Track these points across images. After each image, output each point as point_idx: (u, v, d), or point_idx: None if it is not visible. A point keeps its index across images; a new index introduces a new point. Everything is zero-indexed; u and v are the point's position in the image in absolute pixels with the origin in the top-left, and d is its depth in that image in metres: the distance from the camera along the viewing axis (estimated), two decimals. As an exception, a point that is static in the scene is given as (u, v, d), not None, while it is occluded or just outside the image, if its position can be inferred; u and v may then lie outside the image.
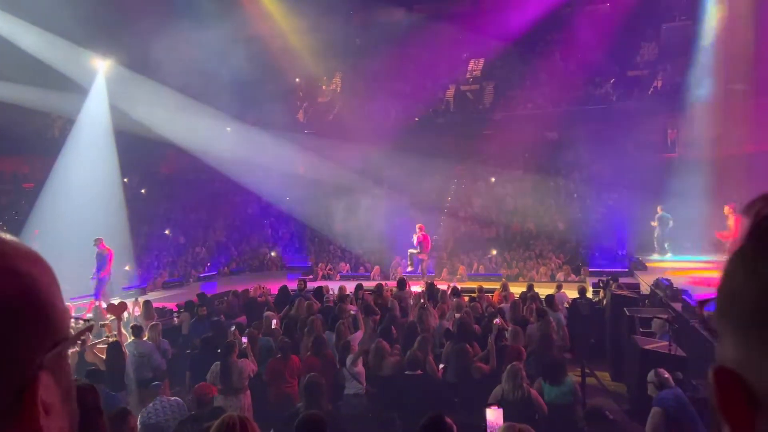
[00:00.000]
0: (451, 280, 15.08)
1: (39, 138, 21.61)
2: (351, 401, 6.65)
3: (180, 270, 18.94)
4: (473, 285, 12.95)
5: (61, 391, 0.64)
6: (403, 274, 14.48)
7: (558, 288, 11.27)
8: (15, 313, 0.59)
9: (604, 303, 10.67)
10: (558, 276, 15.75)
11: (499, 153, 20.65)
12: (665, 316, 8.10)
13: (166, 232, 21.18)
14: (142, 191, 23.63)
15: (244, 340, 7.42)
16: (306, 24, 20.82)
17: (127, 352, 7.49)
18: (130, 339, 7.91)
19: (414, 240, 14.40)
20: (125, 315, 8.66)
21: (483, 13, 20.94)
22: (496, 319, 7.83)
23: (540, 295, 9.95)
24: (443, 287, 11.10)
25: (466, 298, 10.66)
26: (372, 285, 11.69)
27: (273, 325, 8.77)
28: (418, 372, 6.29)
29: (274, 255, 20.97)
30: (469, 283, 14.28)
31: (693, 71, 17.66)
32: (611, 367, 9.20)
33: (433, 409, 3.45)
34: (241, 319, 10.17)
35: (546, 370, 6.22)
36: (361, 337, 7.54)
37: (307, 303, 9.88)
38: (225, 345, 6.84)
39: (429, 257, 15.08)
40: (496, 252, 18.01)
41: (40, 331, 0.62)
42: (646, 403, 5.22)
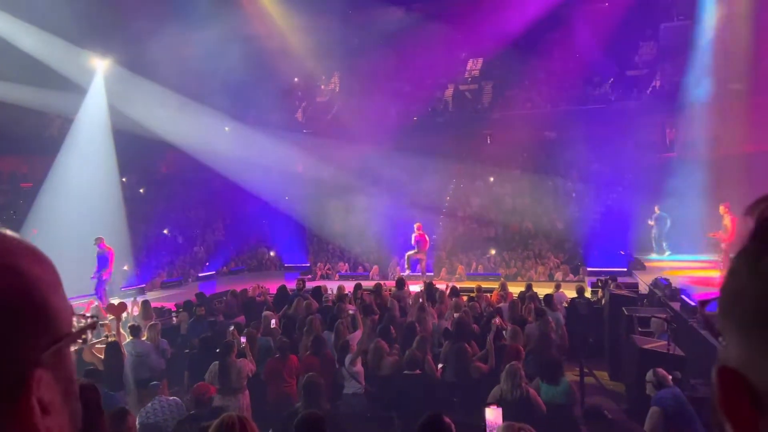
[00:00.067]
0: (450, 279, 15.10)
1: (37, 137, 21.54)
2: (350, 401, 6.65)
3: (178, 270, 18.92)
4: (472, 285, 12.95)
5: (62, 389, 0.64)
6: (401, 273, 14.48)
7: (556, 287, 11.28)
8: (10, 310, 0.58)
9: (602, 302, 10.69)
10: (556, 275, 15.76)
11: (498, 152, 20.65)
12: (664, 315, 8.11)
13: (164, 231, 21.15)
14: (140, 191, 23.59)
15: (242, 339, 7.41)
16: (304, 23, 20.78)
17: (126, 352, 7.49)
18: (128, 339, 7.91)
19: (412, 239, 14.41)
20: (124, 315, 8.65)
21: (481, 13, 20.89)
22: (494, 319, 7.83)
23: (538, 295, 9.97)
24: (442, 287, 11.09)
25: (464, 297, 10.67)
26: (371, 285, 11.69)
27: (272, 325, 8.78)
28: (416, 371, 6.29)
29: (272, 255, 20.97)
30: (468, 283, 14.28)
31: (691, 71, 17.65)
32: (610, 367, 9.23)
33: (432, 409, 3.45)
34: (240, 319, 10.15)
35: (543, 369, 6.23)
36: (360, 337, 7.54)
37: (306, 302, 9.89)
38: (223, 345, 6.83)
39: (427, 257, 15.08)
40: (494, 251, 18.03)
41: (37, 329, 0.61)
42: (644, 403, 5.23)
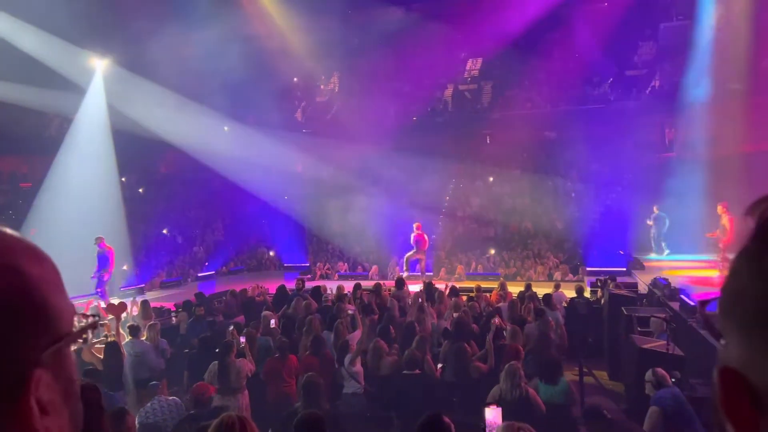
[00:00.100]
0: (449, 279, 15.10)
1: (37, 137, 21.51)
2: (349, 400, 6.64)
3: (178, 269, 18.92)
4: (471, 284, 12.95)
5: (62, 389, 0.63)
6: (401, 273, 14.48)
7: (556, 287, 11.26)
8: (9, 310, 0.58)
9: (601, 302, 10.69)
10: (556, 275, 15.76)
11: (497, 152, 20.64)
12: (663, 315, 8.11)
13: (164, 231, 21.14)
14: (140, 191, 23.58)
15: (242, 339, 7.40)
16: (304, 23, 20.77)
17: (125, 351, 7.49)
18: (127, 339, 7.91)
19: (411, 238, 14.40)
20: (123, 315, 8.65)
21: (481, 13, 20.89)
22: (494, 319, 7.83)
23: (538, 295, 9.97)
24: (441, 287, 11.08)
25: (464, 297, 10.67)
26: (370, 284, 11.69)
27: (271, 325, 8.77)
28: (416, 371, 6.29)
29: (272, 254, 20.98)
30: (467, 283, 14.28)
31: (691, 71, 17.66)
32: (609, 366, 9.23)
33: (431, 409, 3.45)
34: (239, 319, 10.15)
35: (542, 369, 6.23)
36: (360, 337, 7.54)
37: (305, 302, 9.89)
38: (223, 345, 6.82)
39: (427, 257, 15.08)
40: (494, 251, 18.03)
41: (37, 329, 0.60)
42: (643, 402, 5.23)
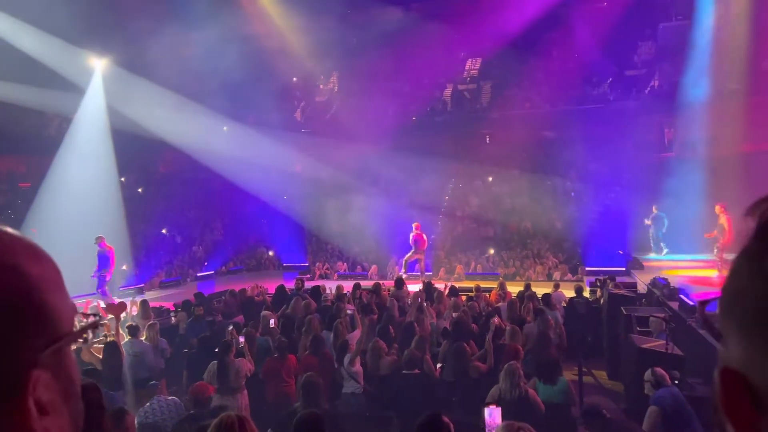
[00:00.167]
0: (449, 279, 15.11)
1: (36, 137, 21.49)
2: (349, 400, 6.65)
3: (177, 269, 18.91)
4: (471, 284, 12.95)
5: (62, 389, 0.63)
6: (400, 273, 14.48)
7: (555, 287, 11.27)
8: (8, 310, 0.57)
9: (601, 302, 10.71)
10: (555, 275, 15.77)
11: (497, 152, 20.64)
12: (662, 315, 8.12)
13: (163, 231, 21.14)
14: (139, 190, 23.57)
15: (241, 339, 7.40)
16: (303, 23, 20.77)
17: (124, 351, 7.48)
18: (126, 338, 7.90)
19: (410, 238, 14.40)
20: (122, 314, 8.64)
21: (480, 13, 20.89)
22: (493, 318, 7.83)
23: (537, 295, 9.98)
24: (440, 286, 11.09)
25: (463, 297, 10.68)
26: (369, 284, 11.69)
27: (270, 325, 8.77)
28: (415, 371, 6.29)
29: (271, 254, 20.97)
30: (467, 283, 14.28)
31: (690, 71, 17.67)
32: (608, 366, 9.25)
33: (431, 408, 3.46)
34: (239, 319, 10.15)
35: (540, 368, 6.23)
36: (359, 337, 7.54)
37: (305, 302, 9.89)
38: (222, 344, 6.82)
39: (426, 256, 15.08)
40: (493, 251, 18.04)
41: (35, 329, 0.59)
42: (643, 402, 5.24)
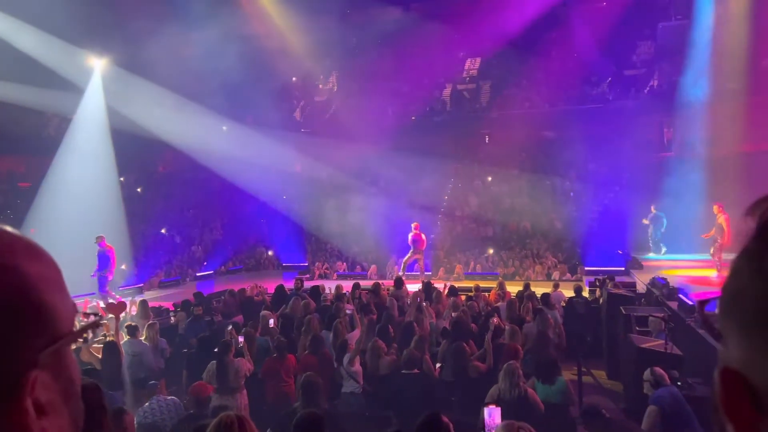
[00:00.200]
0: (448, 278, 15.11)
1: (35, 137, 21.48)
2: (348, 400, 6.65)
3: (176, 269, 18.90)
4: (470, 284, 12.96)
5: (62, 389, 0.62)
6: (399, 273, 14.48)
7: (554, 287, 11.27)
8: (6, 310, 0.57)
9: (600, 302, 10.70)
10: (554, 275, 15.77)
11: (496, 152, 20.66)
12: (661, 314, 8.12)
13: (162, 231, 21.13)
14: (138, 190, 23.56)
15: (240, 339, 7.39)
16: (302, 23, 20.77)
17: (123, 351, 7.48)
18: (125, 338, 7.90)
19: (409, 238, 14.40)
20: (122, 314, 8.65)
21: (479, 13, 20.88)
22: (492, 318, 7.83)
23: (536, 294, 9.98)
24: (440, 286, 11.09)
25: (463, 297, 10.68)
26: (369, 284, 11.70)
27: (270, 324, 8.77)
28: (415, 371, 6.29)
29: (270, 254, 20.96)
30: (466, 282, 14.28)
31: (689, 70, 17.69)
32: (607, 366, 9.25)
33: (430, 408, 3.46)
34: (238, 318, 10.15)
35: (539, 368, 6.23)
36: (358, 336, 7.55)
37: (304, 302, 9.89)
38: (221, 344, 6.82)
39: (425, 256, 15.08)
40: (492, 251, 18.03)
41: (34, 329, 0.59)
42: (642, 402, 5.25)
